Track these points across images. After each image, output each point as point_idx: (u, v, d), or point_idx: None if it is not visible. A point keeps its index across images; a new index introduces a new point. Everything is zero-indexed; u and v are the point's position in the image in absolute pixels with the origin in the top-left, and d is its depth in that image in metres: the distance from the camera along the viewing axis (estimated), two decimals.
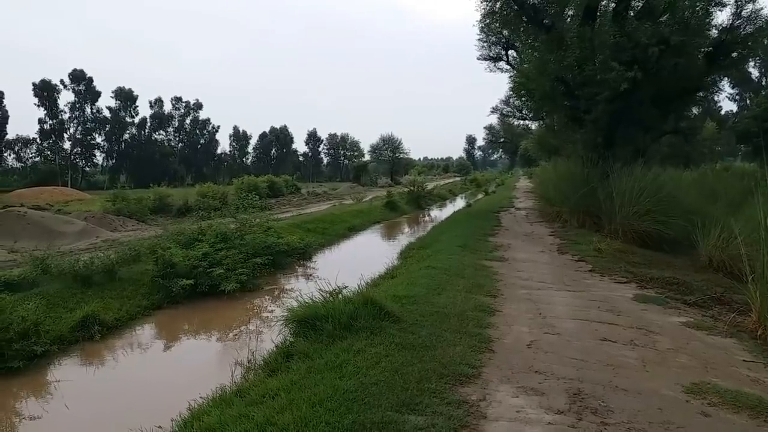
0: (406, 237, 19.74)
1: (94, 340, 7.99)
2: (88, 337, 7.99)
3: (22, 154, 75.19)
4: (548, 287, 8.89)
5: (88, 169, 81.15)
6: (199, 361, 7.81)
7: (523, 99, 25.53)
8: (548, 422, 4.05)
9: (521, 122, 44.45)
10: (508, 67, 26.15)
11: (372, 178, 76.28)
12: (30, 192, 45.02)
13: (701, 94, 20.91)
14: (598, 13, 17.60)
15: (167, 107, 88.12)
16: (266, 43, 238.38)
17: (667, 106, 18.48)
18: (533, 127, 41.59)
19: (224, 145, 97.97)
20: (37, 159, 75.32)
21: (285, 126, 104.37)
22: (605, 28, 16.51)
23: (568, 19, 19.16)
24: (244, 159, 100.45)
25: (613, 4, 17.80)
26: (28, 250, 11.64)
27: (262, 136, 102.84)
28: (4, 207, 25.76)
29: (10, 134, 72.34)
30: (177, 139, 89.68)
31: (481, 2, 20.05)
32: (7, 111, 70.34)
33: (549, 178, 22.85)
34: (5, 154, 73.53)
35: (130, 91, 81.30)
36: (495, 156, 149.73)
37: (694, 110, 27.15)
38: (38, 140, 74.83)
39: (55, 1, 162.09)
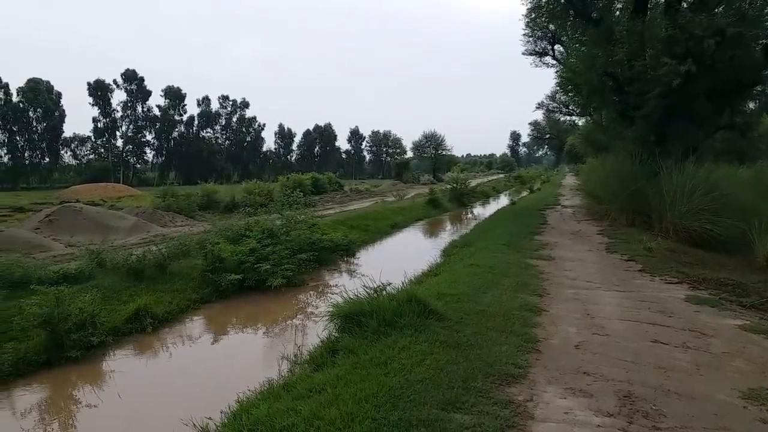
0: (448, 234, 19.67)
1: (146, 332, 8.24)
2: (140, 329, 8.26)
3: (77, 152, 78.31)
4: (596, 287, 8.72)
5: (138, 166, 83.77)
6: (246, 354, 7.98)
7: (570, 94, 25.10)
8: (597, 425, 3.99)
9: (567, 118, 43.59)
10: (555, 62, 25.73)
11: (414, 175, 76.14)
12: (85, 188, 46.83)
13: (759, 87, 20.04)
14: (649, 6, 17.09)
15: (214, 105, 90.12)
16: (311, 40, 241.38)
17: (722, 101, 17.75)
18: (580, 123, 40.73)
19: (269, 142, 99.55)
20: (91, 156, 78.23)
21: (329, 124, 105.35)
22: (657, 21, 16.03)
23: (617, 13, 18.70)
24: (288, 156, 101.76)
25: None
26: (84, 244, 12.10)
27: (306, 133, 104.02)
28: (61, 203, 26.89)
29: (67, 132, 75.60)
30: (224, 136, 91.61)
31: None
32: (64, 110, 73.45)
33: (597, 175, 22.36)
34: (62, 152, 76.74)
35: (179, 90, 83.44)
36: (540, 152, 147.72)
37: (751, 105, 26.03)
38: (92, 138, 77.75)
39: (108, 3, 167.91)
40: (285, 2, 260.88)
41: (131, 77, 78.26)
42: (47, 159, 73.92)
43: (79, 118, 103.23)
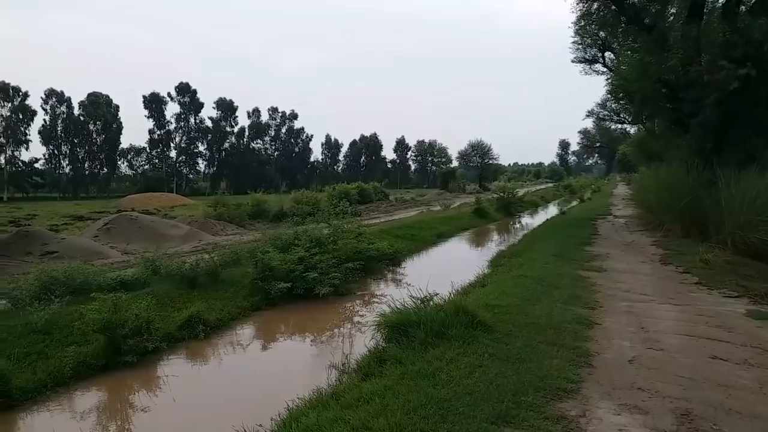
0: (496, 245, 19.46)
1: (199, 338, 8.43)
2: (193, 335, 8.45)
3: (133, 162, 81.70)
4: (650, 300, 8.46)
5: (191, 176, 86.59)
6: (294, 361, 8.07)
7: (621, 102, 24.58)
8: None
9: (619, 126, 42.67)
10: (605, 69, 25.35)
11: (460, 184, 75.74)
12: (140, 197, 48.64)
13: None
14: (705, 11, 16.57)
15: (264, 117, 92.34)
16: (359, 51, 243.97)
17: None
18: (632, 131, 39.80)
19: (317, 153, 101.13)
20: (146, 167, 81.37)
21: (375, 134, 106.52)
22: (714, 26, 15.51)
23: (671, 18, 18.20)
24: (335, 166, 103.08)
25: (722, 1, 16.71)
26: (139, 251, 12.55)
27: (353, 144, 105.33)
28: (118, 212, 27.96)
29: (124, 144, 78.97)
30: (273, 147, 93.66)
31: (577, 4, 19.51)
32: (121, 123, 76.76)
33: (650, 184, 21.72)
34: (119, 163, 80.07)
35: (231, 102, 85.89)
36: (590, 161, 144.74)
37: None
38: (148, 149, 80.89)
39: (162, 18, 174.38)
40: (337, 15, 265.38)
41: (184, 90, 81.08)
42: (105, 169, 77.39)
43: (135, 130, 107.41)
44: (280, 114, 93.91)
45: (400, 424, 4.04)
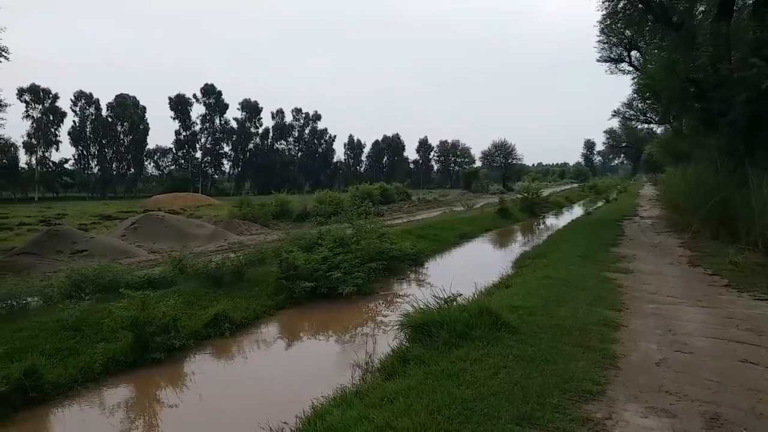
0: (520, 245, 19.31)
1: (225, 336, 8.55)
2: (219, 333, 8.56)
3: (160, 163, 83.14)
4: (678, 302, 8.33)
5: (216, 176, 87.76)
6: (318, 360, 8.12)
7: (648, 102, 24.20)
8: None
9: (645, 126, 42.00)
10: (631, 68, 24.99)
11: (483, 184, 75.31)
12: (166, 197, 49.41)
13: None
14: (735, 8, 16.24)
15: (288, 118, 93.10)
16: (382, 53, 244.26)
17: None
18: (658, 131, 39.16)
19: (339, 153, 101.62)
20: (172, 167, 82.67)
21: (397, 134, 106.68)
22: (744, 24, 15.20)
23: (699, 16, 17.88)
24: (358, 167, 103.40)
25: None
26: (165, 250, 12.75)
27: (375, 144, 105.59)
28: (145, 211, 28.41)
29: (150, 144, 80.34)
30: (296, 148, 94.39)
31: (603, 2, 19.28)
32: (148, 124, 78.09)
33: (677, 185, 21.38)
34: (146, 163, 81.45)
35: (256, 103, 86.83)
36: (616, 161, 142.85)
37: None
38: (174, 150, 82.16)
39: (188, 21, 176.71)
40: (360, 17, 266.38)
41: (210, 91, 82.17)
42: (132, 170, 78.71)
43: (161, 131, 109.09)
44: (303, 115, 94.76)
45: (424, 424, 4.05)
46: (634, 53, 25.20)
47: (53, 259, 14.15)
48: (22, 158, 67.47)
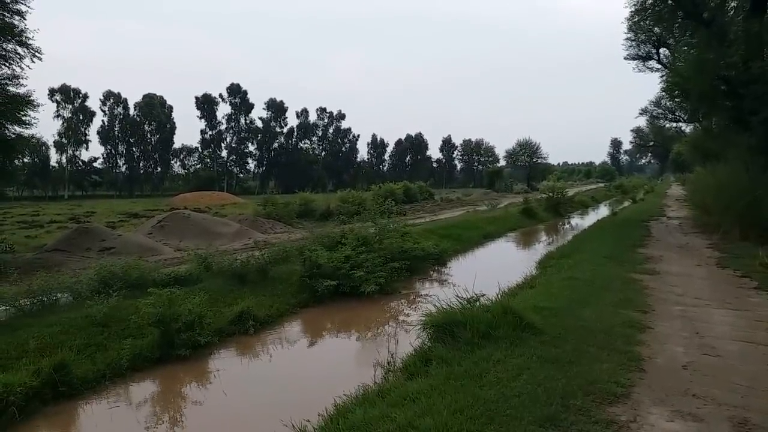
0: (544, 245, 19.13)
1: (249, 333, 8.62)
2: (243, 330, 8.64)
3: (186, 162, 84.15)
4: (706, 304, 8.18)
5: (241, 175, 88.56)
6: (341, 358, 8.17)
7: (677, 100, 23.78)
8: None
9: (674, 125, 41.14)
10: (660, 66, 24.55)
11: (507, 184, 74.78)
12: (192, 196, 50.06)
13: None
14: None
15: (312, 117, 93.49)
16: (406, 51, 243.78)
17: None
18: (687, 130, 38.39)
19: (362, 152, 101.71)
20: (198, 166, 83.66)
21: (420, 133, 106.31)
22: None
23: (731, 13, 17.51)
24: (381, 166, 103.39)
25: None
26: (191, 248, 12.91)
27: (398, 143, 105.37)
28: (171, 209, 28.84)
29: (177, 144, 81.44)
30: (320, 147, 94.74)
31: None
32: (174, 123, 79.27)
33: (706, 184, 20.99)
34: (172, 162, 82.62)
35: (281, 103, 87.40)
36: (643, 161, 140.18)
37: None
38: (199, 149, 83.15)
39: (215, 20, 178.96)
40: (387, 13, 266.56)
41: (235, 91, 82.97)
42: (159, 168, 79.86)
43: (187, 130, 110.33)
44: (327, 114, 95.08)
45: (446, 424, 4.04)
46: (662, 51, 24.75)
47: (82, 256, 14.47)
48: (53, 157, 69.33)
